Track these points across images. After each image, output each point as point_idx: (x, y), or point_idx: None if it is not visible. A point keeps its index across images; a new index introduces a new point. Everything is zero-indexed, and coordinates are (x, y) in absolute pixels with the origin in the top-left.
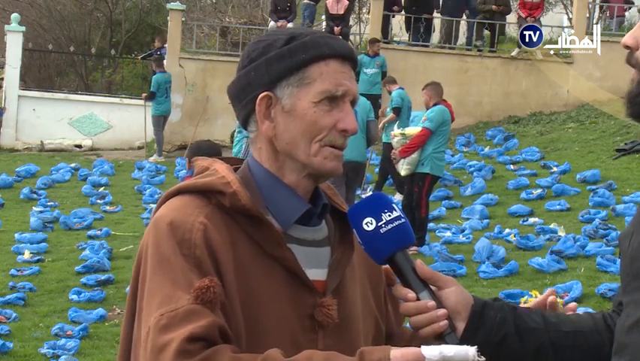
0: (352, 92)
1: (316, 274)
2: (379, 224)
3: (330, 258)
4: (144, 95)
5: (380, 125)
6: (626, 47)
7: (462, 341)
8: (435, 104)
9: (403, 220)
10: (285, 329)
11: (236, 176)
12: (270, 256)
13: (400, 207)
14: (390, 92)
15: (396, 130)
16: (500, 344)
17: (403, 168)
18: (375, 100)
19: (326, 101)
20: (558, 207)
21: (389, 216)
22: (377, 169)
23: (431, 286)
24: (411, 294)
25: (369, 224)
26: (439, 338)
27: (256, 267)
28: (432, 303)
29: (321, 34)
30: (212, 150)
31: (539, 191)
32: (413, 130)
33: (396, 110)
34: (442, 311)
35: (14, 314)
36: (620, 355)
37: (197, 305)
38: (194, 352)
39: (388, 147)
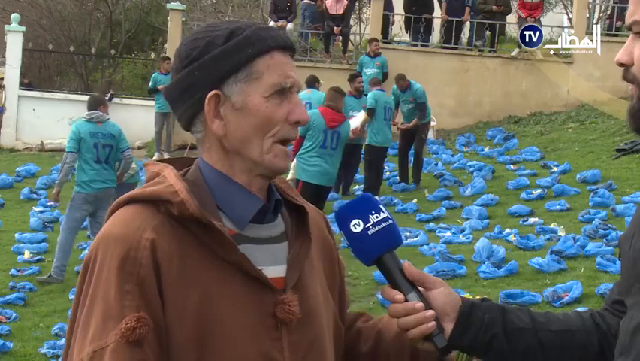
0: (298, 83)
1: (275, 271)
2: (367, 226)
3: (287, 253)
4: (161, 87)
5: (359, 127)
6: (621, 64)
7: (450, 342)
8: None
9: (390, 222)
10: (247, 331)
11: (184, 184)
12: (224, 260)
13: None
14: None
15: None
16: (489, 344)
17: (290, 173)
18: None
19: (276, 95)
20: (558, 207)
21: (376, 217)
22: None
23: (419, 287)
24: (399, 295)
25: (356, 226)
26: (427, 340)
27: (211, 273)
28: (420, 304)
29: (259, 26)
30: None
31: (539, 191)
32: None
33: (370, 111)
34: (430, 313)
35: (14, 314)
36: (625, 357)
37: (122, 344)
38: None
39: (368, 148)
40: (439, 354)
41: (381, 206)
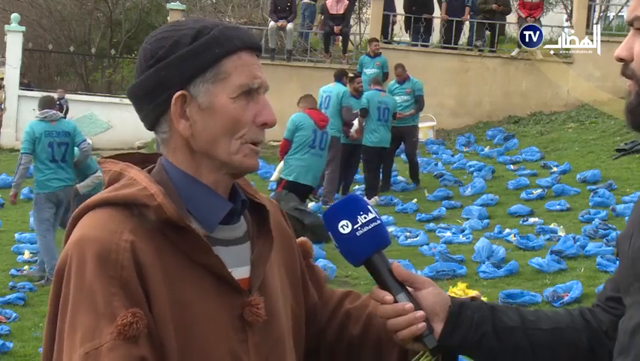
0: (266, 84)
1: (241, 272)
2: (355, 227)
3: (250, 253)
4: None
5: (357, 128)
6: (620, 59)
7: (440, 342)
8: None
9: (378, 222)
10: (219, 334)
11: (158, 186)
12: (198, 263)
13: None
14: None
15: None
16: (478, 343)
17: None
18: None
19: (243, 96)
20: (558, 207)
21: (365, 218)
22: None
23: (408, 288)
24: (388, 296)
25: (344, 227)
26: (418, 340)
27: (184, 276)
28: (410, 305)
29: (226, 25)
30: None
31: (539, 191)
32: None
33: (363, 112)
34: (420, 313)
35: (14, 314)
36: (624, 357)
37: (119, 341)
38: None
39: (364, 148)
40: (430, 355)
41: (369, 207)
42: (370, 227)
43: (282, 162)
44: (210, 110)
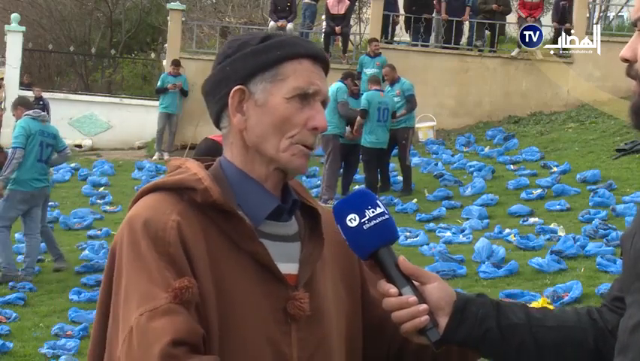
0: (323, 92)
1: (288, 268)
2: (363, 220)
3: (300, 253)
4: (170, 86)
5: (355, 128)
6: (625, 60)
7: (444, 337)
8: None
9: (386, 217)
10: (258, 321)
11: (208, 173)
12: (243, 250)
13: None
14: None
15: None
16: (482, 339)
17: None
18: None
19: (297, 98)
20: (558, 207)
21: (372, 212)
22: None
23: (414, 282)
24: (393, 289)
25: (352, 220)
26: (421, 333)
27: (229, 261)
28: (413, 298)
29: (295, 36)
30: (215, 148)
31: (539, 191)
32: None
33: (363, 113)
34: (422, 307)
35: (14, 314)
36: (624, 355)
37: (175, 305)
38: (179, 356)
39: (362, 149)
40: (433, 348)
41: (378, 201)
42: (377, 221)
43: None
44: (264, 108)
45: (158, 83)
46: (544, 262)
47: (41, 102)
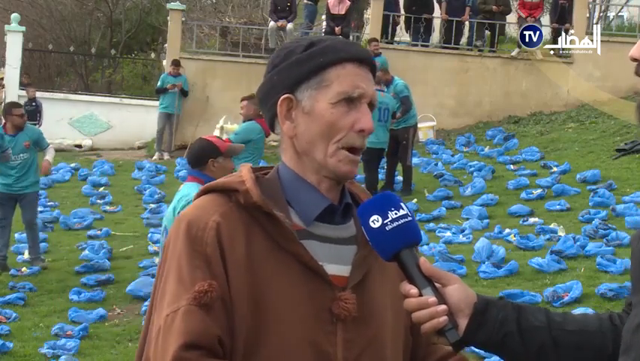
0: (369, 94)
1: (338, 269)
2: (385, 222)
3: (355, 255)
4: (170, 86)
5: None
6: (634, 59)
7: (464, 338)
8: (250, 120)
9: (409, 219)
10: (298, 320)
11: (253, 176)
12: (286, 250)
13: None
14: None
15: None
16: (502, 342)
17: None
18: None
19: (343, 103)
20: (558, 207)
21: (395, 214)
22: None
23: (435, 284)
24: (414, 290)
25: (375, 221)
26: (440, 334)
27: (272, 261)
28: (433, 299)
29: (339, 40)
30: (209, 148)
31: (539, 191)
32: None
33: None
34: (441, 307)
35: (14, 314)
36: (627, 356)
37: (194, 307)
38: (191, 360)
39: (365, 149)
40: (453, 349)
41: (401, 203)
42: (400, 223)
43: None
44: (311, 114)
45: (158, 83)
46: (544, 262)
47: (34, 103)
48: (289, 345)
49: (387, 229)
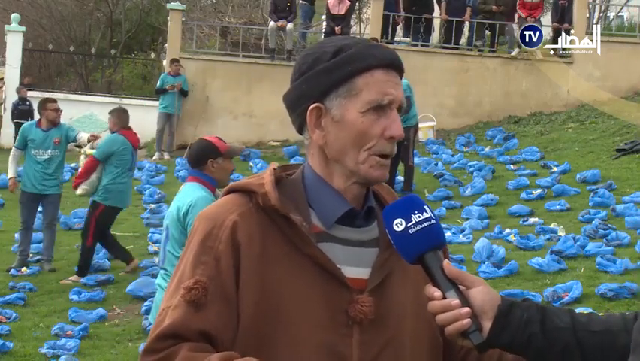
0: (398, 99)
1: (357, 272)
2: (409, 225)
3: (376, 258)
4: (169, 86)
5: None
6: None
7: (488, 340)
8: (115, 132)
9: (433, 222)
10: (312, 323)
11: (272, 178)
12: (302, 253)
13: None
14: None
15: (87, 149)
16: (527, 343)
17: (81, 188)
18: None
19: (372, 110)
20: (558, 207)
21: (419, 217)
22: None
23: (460, 286)
24: (437, 293)
25: (399, 225)
26: (464, 336)
27: (288, 263)
28: (456, 301)
29: (365, 44)
30: (209, 149)
31: (539, 191)
32: (91, 152)
33: None
34: (465, 310)
35: (14, 314)
36: (636, 354)
37: (182, 302)
38: (159, 350)
39: None
40: (477, 351)
41: (425, 206)
42: (423, 226)
43: (90, 179)
44: (341, 123)
45: (158, 83)
46: (544, 262)
47: (27, 102)
48: (303, 346)
49: (410, 232)
